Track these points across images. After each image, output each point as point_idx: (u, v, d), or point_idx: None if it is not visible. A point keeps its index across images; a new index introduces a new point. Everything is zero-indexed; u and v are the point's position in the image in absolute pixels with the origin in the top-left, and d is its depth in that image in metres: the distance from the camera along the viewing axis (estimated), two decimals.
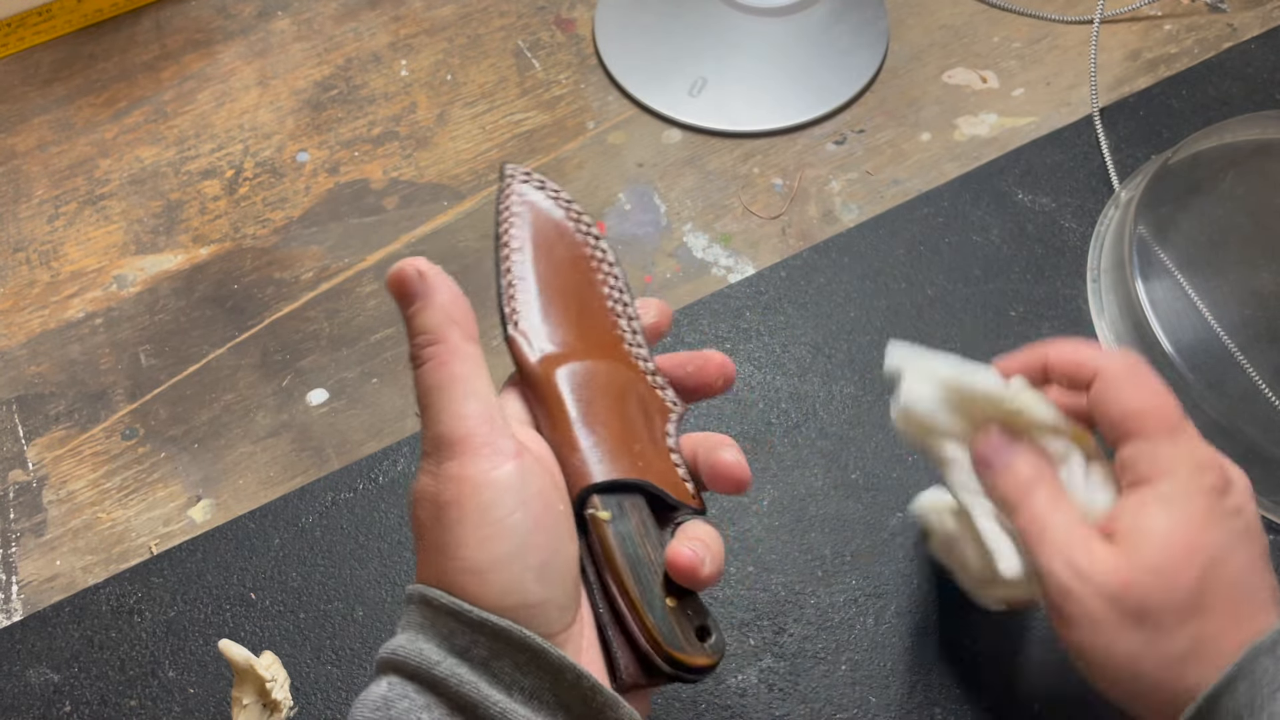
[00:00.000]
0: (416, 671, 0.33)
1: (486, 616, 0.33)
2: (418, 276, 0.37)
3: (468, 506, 0.34)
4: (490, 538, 0.34)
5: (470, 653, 0.33)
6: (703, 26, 0.71)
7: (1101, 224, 0.63)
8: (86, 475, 0.59)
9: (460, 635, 0.34)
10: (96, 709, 0.52)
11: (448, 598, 0.34)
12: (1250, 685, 0.35)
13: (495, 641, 0.33)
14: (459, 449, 0.35)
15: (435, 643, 0.34)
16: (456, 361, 0.36)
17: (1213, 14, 0.72)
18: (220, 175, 0.68)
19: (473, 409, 0.35)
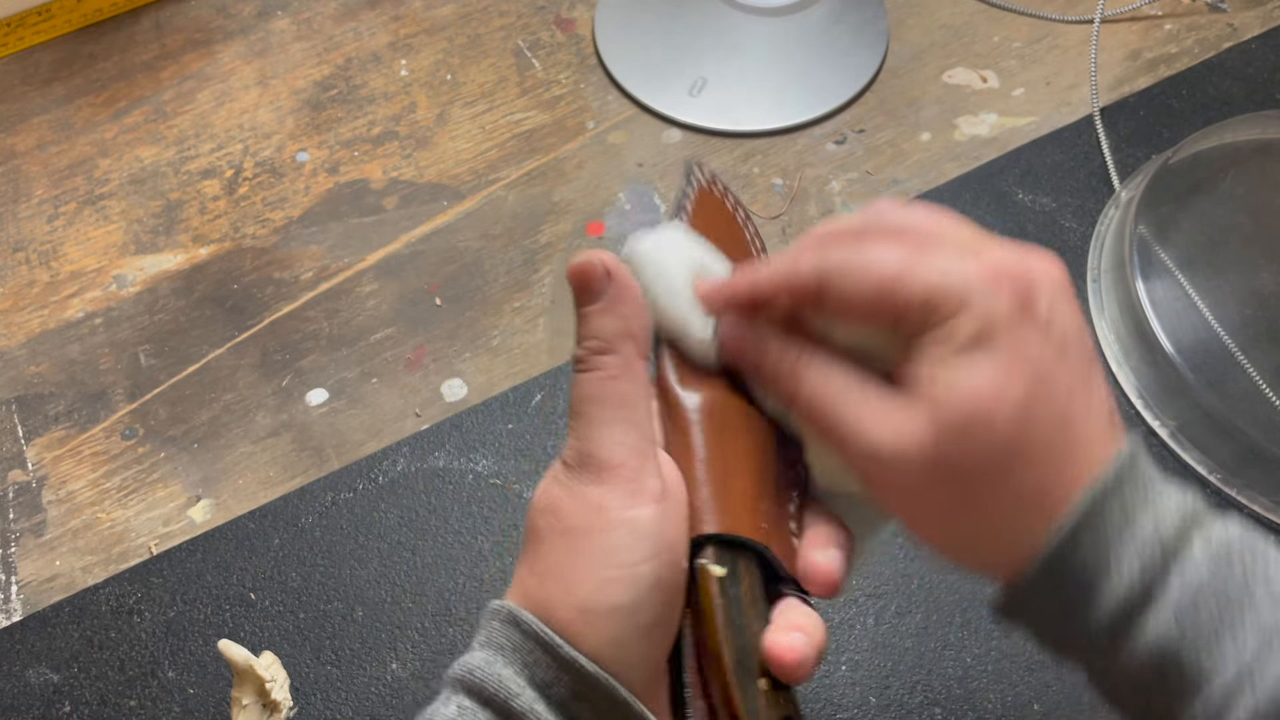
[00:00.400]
0: (492, 698, 0.31)
1: (577, 657, 0.31)
2: (604, 274, 0.34)
3: (597, 540, 0.32)
4: (611, 581, 0.31)
5: (551, 690, 0.31)
6: (703, 26, 0.71)
7: (1102, 224, 0.63)
8: (86, 475, 0.59)
9: (546, 669, 0.32)
10: (96, 709, 0.52)
11: (540, 626, 0.32)
12: (1095, 536, 0.32)
13: (580, 684, 0.31)
14: (604, 475, 0.32)
15: (515, 670, 0.32)
16: (626, 379, 0.34)
17: (1213, 14, 0.72)
18: (220, 175, 0.68)
19: (628, 436, 0.33)
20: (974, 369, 0.31)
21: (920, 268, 0.32)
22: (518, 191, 0.67)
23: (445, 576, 0.55)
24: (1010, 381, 0.31)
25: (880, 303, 0.32)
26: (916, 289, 0.32)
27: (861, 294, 0.32)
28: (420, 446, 0.58)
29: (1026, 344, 0.32)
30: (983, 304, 0.31)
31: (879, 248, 0.33)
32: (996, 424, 0.31)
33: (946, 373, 0.32)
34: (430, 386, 0.60)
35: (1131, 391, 0.58)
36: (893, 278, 0.32)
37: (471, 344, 0.62)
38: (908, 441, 0.32)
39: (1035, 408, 0.31)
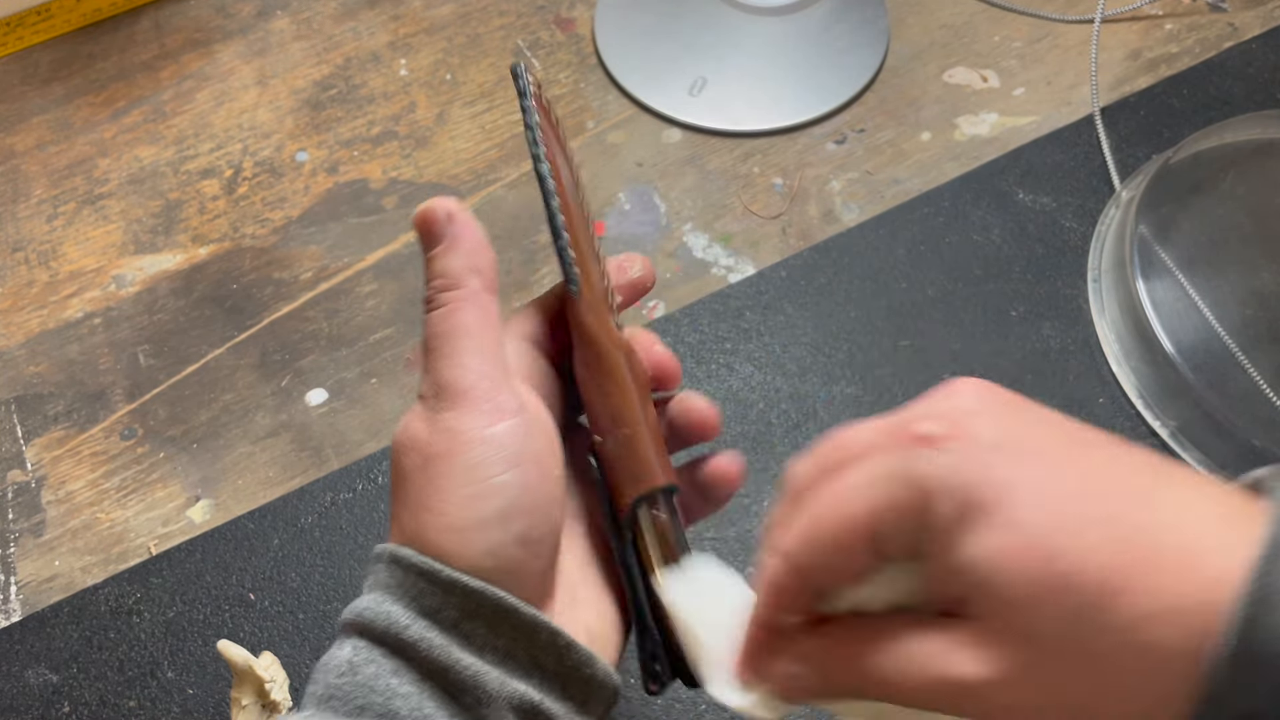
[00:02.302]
0: (384, 635, 0.32)
1: (458, 577, 0.32)
2: (446, 218, 0.36)
3: (457, 461, 0.33)
4: (476, 496, 0.33)
5: (441, 614, 0.32)
6: (703, 26, 0.71)
7: (1102, 224, 0.63)
8: (85, 475, 0.59)
9: (430, 596, 0.33)
10: (95, 710, 0.52)
11: (419, 556, 0.33)
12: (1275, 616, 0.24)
13: (467, 602, 0.32)
14: (458, 401, 0.33)
15: (404, 604, 0.33)
16: (471, 310, 0.35)
17: (1214, 13, 0.72)
18: (219, 175, 0.68)
19: (479, 362, 0.34)
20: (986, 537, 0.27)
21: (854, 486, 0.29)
22: (518, 191, 0.67)
23: None
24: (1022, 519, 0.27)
25: (853, 549, 0.29)
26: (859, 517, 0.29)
27: (831, 555, 0.30)
28: None
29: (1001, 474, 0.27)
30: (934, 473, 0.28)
31: (809, 502, 0.30)
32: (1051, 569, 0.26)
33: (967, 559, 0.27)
34: None
35: (1131, 391, 0.58)
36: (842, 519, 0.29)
37: None
38: (991, 658, 0.27)
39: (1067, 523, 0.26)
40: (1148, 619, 0.25)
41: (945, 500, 0.27)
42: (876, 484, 0.29)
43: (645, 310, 0.62)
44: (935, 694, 0.28)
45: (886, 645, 0.29)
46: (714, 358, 0.60)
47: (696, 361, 0.60)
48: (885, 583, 0.30)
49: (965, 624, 0.28)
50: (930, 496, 0.28)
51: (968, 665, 0.27)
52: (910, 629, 0.29)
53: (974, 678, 0.27)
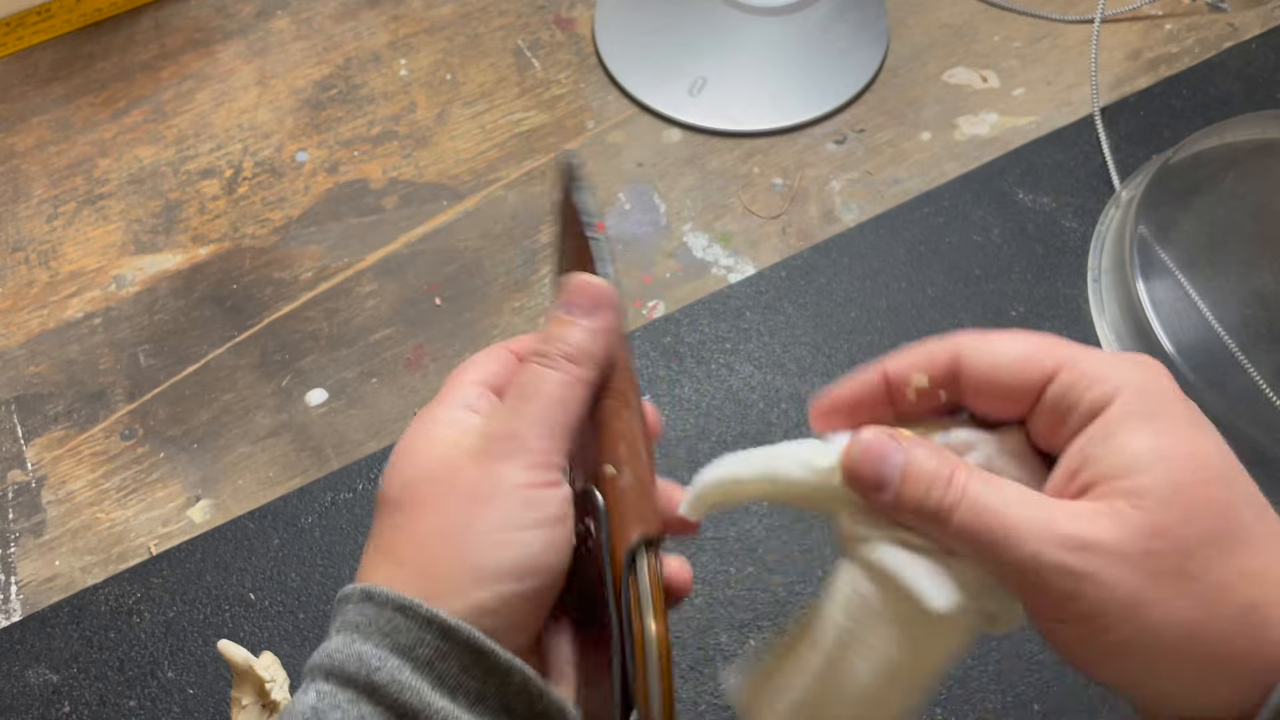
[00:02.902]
0: (353, 677, 0.31)
1: (436, 612, 0.32)
2: (608, 304, 0.36)
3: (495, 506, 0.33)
4: (503, 544, 0.33)
5: (415, 651, 0.32)
6: (703, 26, 0.71)
7: (1102, 224, 0.63)
8: (85, 475, 0.59)
9: (405, 633, 0.32)
10: (95, 709, 0.52)
11: (395, 593, 0.32)
12: None
13: (443, 641, 0.32)
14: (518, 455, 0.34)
15: (374, 642, 0.32)
16: (578, 391, 0.35)
17: (1213, 13, 0.72)
18: (219, 175, 0.68)
19: (557, 434, 0.34)
20: (1164, 435, 0.29)
21: (1054, 350, 0.31)
22: (517, 191, 0.67)
23: None
24: (1205, 446, 0.29)
25: (1019, 372, 0.31)
26: (1055, 359, 0.30)
27: (1002, 366, 0.31)
28: None
29: (1197, 416, 0.30)
30: (1135, 379, 0.30)
31: (1008, 338, 0.32)
32: (1209, 486, 0.28)
33: (1130, 444, 0.29)
34: (430, 387, 0.60)
35: None
36: (1029, 353, 0.31)
37: (471, 344, 0.62)
38: (1113, 526, 0.28)
39: (1235, 473, 0.29)
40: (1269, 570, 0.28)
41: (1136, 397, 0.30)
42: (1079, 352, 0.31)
43: (645, 311, 0.62)
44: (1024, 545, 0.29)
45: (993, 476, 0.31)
46: (714, 358, 0.60)
47: (696, 361, 0.60)
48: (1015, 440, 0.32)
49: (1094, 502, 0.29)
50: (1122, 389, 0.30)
51: (1088, 527, 0.28)
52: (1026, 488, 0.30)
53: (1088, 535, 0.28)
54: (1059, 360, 0.30)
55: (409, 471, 0.35)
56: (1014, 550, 0.29)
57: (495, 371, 0.38)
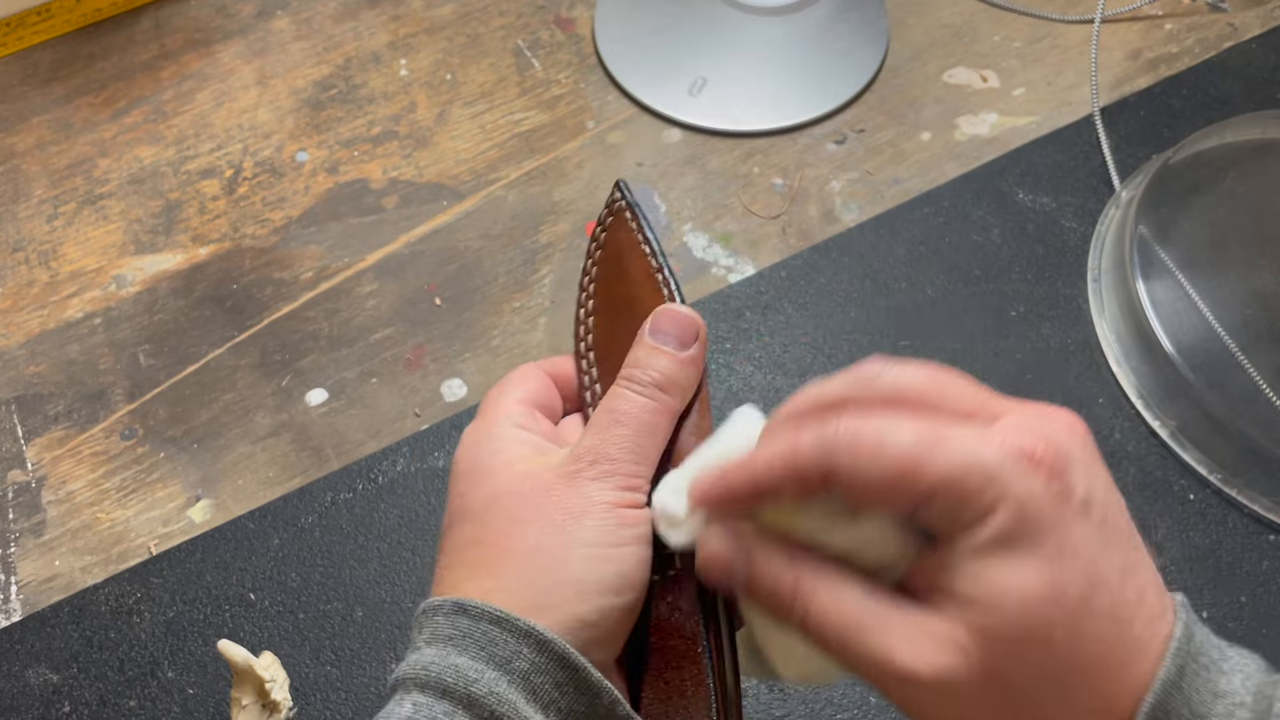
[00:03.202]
0: (450, 690, 0.31)
1: (533, 625, 0.32)
2: (700, 336, 0.38)
3: (588, 523, 0.34)
4: (601, 559, 0.33)
5: (512, 664, 0.32)
6: (703, 26, 0.71)
7: (1102, 224, 0.63)
8: (85, 475, 0.59)
9: (503, 645, 0.32)
10: (95, 709, 0.52)
11: (490, 606, 0.32)
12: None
13: (539, 655, 0.32)
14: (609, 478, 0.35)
15: (471, 655, 0.32)
16: (664, 418, 0.36)
17: (1213, 13, 0.72)
18: (219, 175, 0.68)
19: (647, 459, 0.36)
20: (1020, 569, 0.28)
21: (940, 448, 0.29)
22: (517, 191, 0.67)
23: None
24: (1063, 580, 0.28)
25: (899, 487, 0.29)
26: (938, 472, 0.29)
27: (876, 478, 0.29)
28: (420, 446, 0.58)
29: (1072, 533, 0.29)
30: (1018, 492, 0.28)
31: (887, 423, 0.30)
32: (1054, 631, 0.28)
33: (986, 575, 0.28)
34: (430, 386, 0.60)
35: (1131, 391, 0.58)
36: (911, 460, 0.29)
37: (471, 344, 0.62)
38: (951, 662, 0.29)
39: (1092, 605, 0.28)
40: (1091, 712, 0.29)
41: (1007, 520, 0.28)
42: (959, 459, 0.29)
43: None
44: (870, 664, 0.30)
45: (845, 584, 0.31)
46: (714, 358, 0.60)
47: None
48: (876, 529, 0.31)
49: (942, 624, 0.29)
50: (998, 505, 0.28)
51: (926, 661, 0.29)
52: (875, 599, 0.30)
53: (925, 674, 0.29)
54: (940, 476, 0.29)
55: (490, 487, 0.35)
56: (858, 668, 0.30)
57: (535, 389, 0.39)
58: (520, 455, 0.36)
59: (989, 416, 0.30)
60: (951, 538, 0.29)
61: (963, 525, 0.29)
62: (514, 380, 0.39)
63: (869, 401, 0.31)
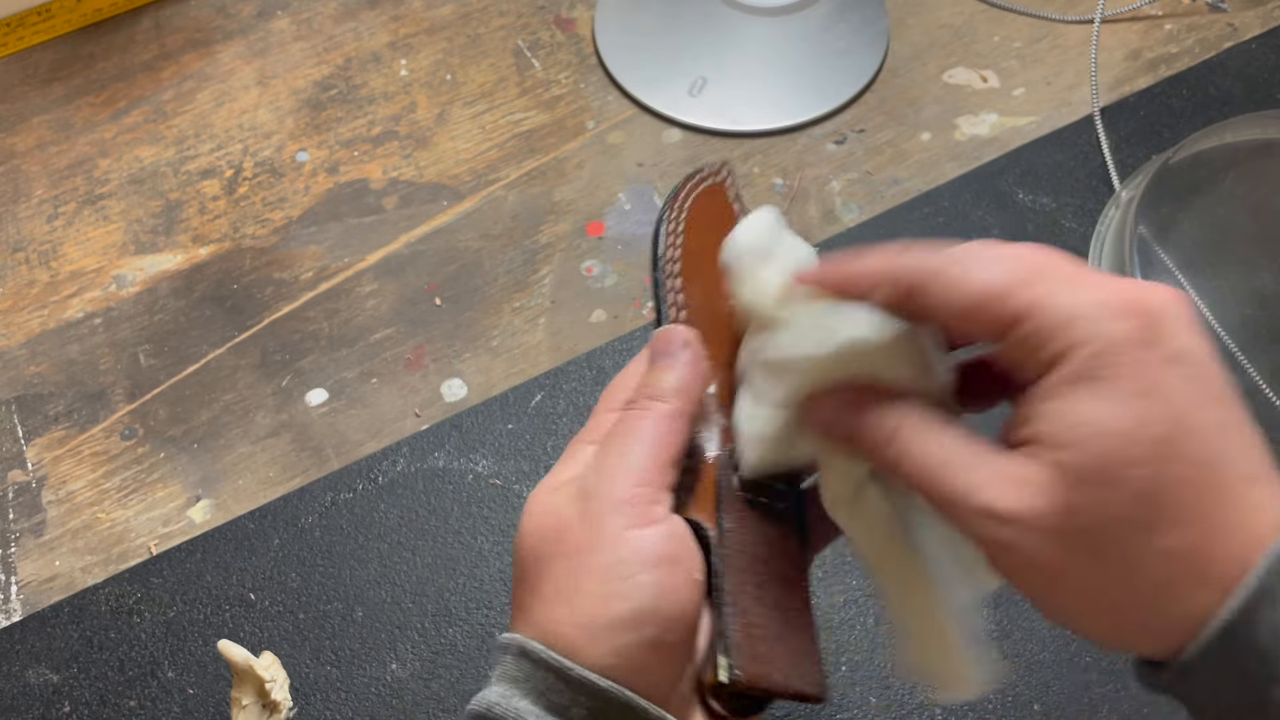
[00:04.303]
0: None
1: (587, 675, 0.32)
2: (681, 344, 0.37)
3: (597, 558, 0.33)
4: (612, 595, 0.33)
5: (570, 712, 0.32)
6: (703, 26, 0.71)
7: (1102, 224, 0.63)
8: (86, 475, 0.59)
9: (559, 693, 0.32)
10: (96, 709, 0.52)
11: (548, 652, 0.32)
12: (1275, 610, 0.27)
13: (595, 701, 0.32)
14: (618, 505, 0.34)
15: (532, 699, 0.32)
16: (660, 422, 0.35)
17: (1213, 14, 0.72)
18: (219, 175, 0.68)
19: (643, 469, 0.34)
20: (1099, 405, 0.28)
21: (1030, 284, 0.29)
22: (517, 191, 0.67)
23: (445, 576, 0.55)
24: (1147, 416, 0.28)
25: (985, 309, 0.30)
26: (1024, 301, 0.29)
27: (964, 297, 0.30)
28: (420, 447, 0.58)
29: (1158, 376, 0.28)
30: (1102, 331, 0.28)
31: (985, 263, 0.30)
32: (1135, 466, 0.28)
33: (1066, 411, 0.28)
34: (430, 386, 0.60)
35: None
36: (1000, 289, 0.29)
37: (471, 344, 0.62)
38: (1030, 498, 0.29)
39: (1177, 447, 0.28)
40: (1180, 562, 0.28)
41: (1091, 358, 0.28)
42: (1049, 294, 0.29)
43: (646, 310, 0.62)
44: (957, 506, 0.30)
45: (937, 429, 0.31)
46: None
47: None
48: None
49: (1023, 462, 0.29)
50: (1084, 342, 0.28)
51: (1006, 498, 0.29)
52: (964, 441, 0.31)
53: (1005, 509, 0.29)
54: (1026, 304, 0.29)
55: (529, 526, 0.35)
56: (944, 508, 0.31)
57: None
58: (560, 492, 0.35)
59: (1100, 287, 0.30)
60: (1038, 380, 0.29)
61: (1045, 362, 0.29)
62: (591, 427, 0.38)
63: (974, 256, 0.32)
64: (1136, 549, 0.28)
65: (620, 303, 0.62)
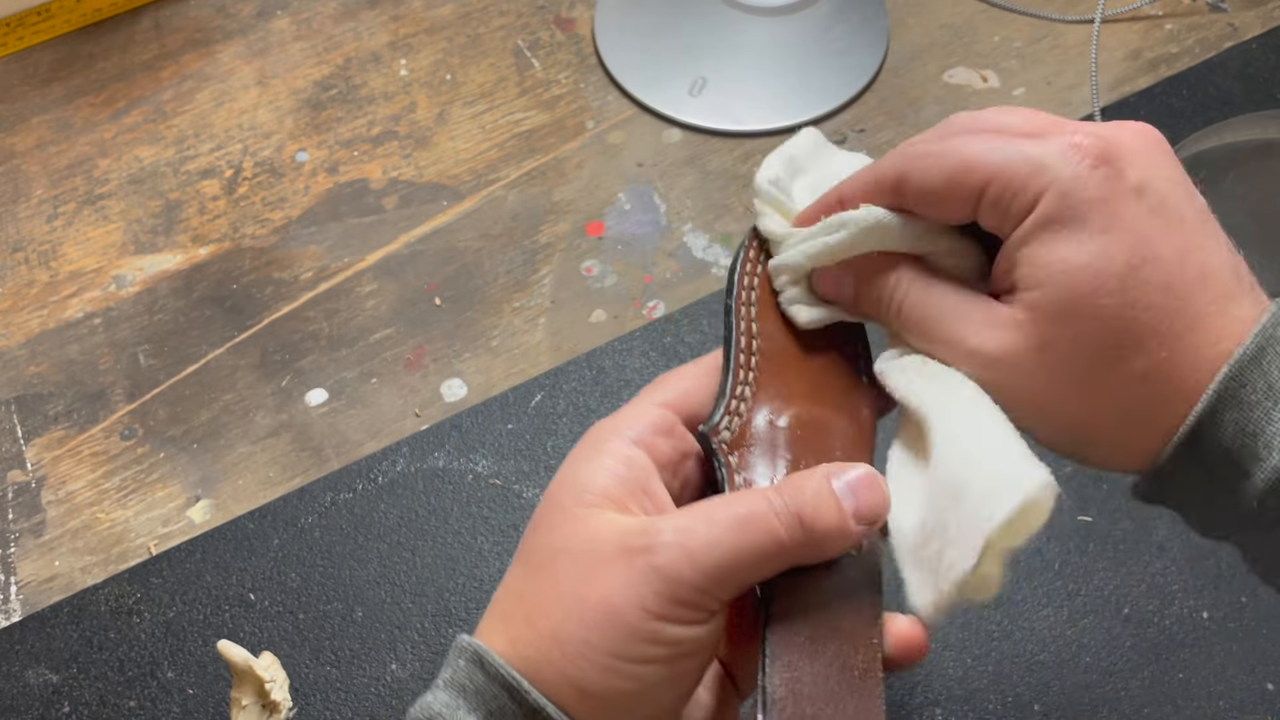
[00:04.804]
0: None
1: (544, 706, 0.30)
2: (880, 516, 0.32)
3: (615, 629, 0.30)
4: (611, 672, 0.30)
5: None
6: (703, 26, 0.71)
7: None
8: (85, 475, 0.59)
9: (509, 716, 0.30)
10: (95, 710, 0.52)
11: (506, 668, 0.30)
12: (1239, 414, 0.29)
13: None
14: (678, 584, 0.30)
15: (479, 716, 0.30)
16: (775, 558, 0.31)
17: (1214, 13, 0.72)
18: (219, 175, 0.68)
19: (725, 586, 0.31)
20: (1065, 244, 0.30)
21: (995, 149, 0.31)
22: (517, 191, 0.67)
23: (445, 577, 0.55)
24: (1108, 251, 0.30)
25: (953, 188, 0.32)
26: (990, 166, 0.31)
27: (935, 181, 0.32)
28: (420, 447, 0.58)
29: (1120, 210, 0.30)
30: (1064, 175, 0.30)
31: (953, 140, 0.32)
32: (1100, 299, 0.30)
33: (1035, 254, 0.31)
34: (430, 386, 0.60)
35: None
36: (968, 159, 0.31)
37: (471, 344, 0.62)
38: (1010, 339, 0.31)
39: (1141, 275, 0.29)
40: (1148, 382, 0.30)
41: (1054, 201, 0.30)
42: (1011, 154, 0.31)
43: (645, 310, 0.62)
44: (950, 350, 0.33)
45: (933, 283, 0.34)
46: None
47: None
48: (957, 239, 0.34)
49: (1005, 308, 0.32)
50: (1047, 190, 0.30)
51: (990, 341, 0.32)
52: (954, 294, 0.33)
53: (989, 351, 0.32)
54: (987, 173, 0.31)
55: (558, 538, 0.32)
56: (940, 352, 0.33)
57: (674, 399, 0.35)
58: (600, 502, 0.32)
59: (1063, 133, 0.31)
60: (1006, 232, 0.32)
61: (1018, 215, 0.31)
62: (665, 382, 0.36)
63: (950, 132, 0.33)
64: (1111, 375, 0.30)
65: (620, 302, 0.62)
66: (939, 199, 0.33)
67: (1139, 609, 0.52)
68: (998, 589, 0.31)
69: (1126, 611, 0.52)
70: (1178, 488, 0.32)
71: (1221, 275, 0.31)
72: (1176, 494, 0.32)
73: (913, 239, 0.35)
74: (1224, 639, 0.51)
